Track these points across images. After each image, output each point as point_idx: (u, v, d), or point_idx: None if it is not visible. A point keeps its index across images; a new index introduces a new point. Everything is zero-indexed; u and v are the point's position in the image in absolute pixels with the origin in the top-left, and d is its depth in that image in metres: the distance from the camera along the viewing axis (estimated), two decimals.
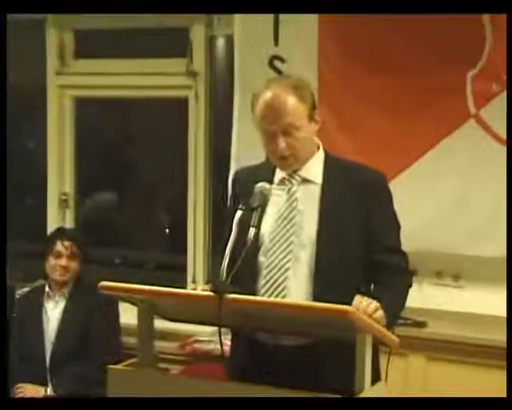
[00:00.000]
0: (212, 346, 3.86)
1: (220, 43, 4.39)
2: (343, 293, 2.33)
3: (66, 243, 3.98)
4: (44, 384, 3.89)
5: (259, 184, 2.50)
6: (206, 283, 2.71)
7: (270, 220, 2.54)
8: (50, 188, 4.65)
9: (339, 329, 2.27)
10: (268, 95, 2.48)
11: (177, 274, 4.47)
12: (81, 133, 4.70)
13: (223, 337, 2.31)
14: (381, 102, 3.80)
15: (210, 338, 3.87)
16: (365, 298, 2.32)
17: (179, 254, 4.48)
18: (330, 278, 2.47)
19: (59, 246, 3.98)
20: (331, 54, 3.87)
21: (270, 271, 2.51)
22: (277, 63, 3.94)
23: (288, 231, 2.52)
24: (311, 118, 2.50)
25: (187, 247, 4.39)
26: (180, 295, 2.41)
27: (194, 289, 4.24)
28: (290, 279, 2.49)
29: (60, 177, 4.63)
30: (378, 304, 2.32)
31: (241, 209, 2.43)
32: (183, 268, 4.42)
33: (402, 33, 3.73)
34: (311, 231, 2.50)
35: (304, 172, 2.55)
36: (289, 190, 2.56)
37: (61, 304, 4.00)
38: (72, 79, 4.58)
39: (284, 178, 2.57)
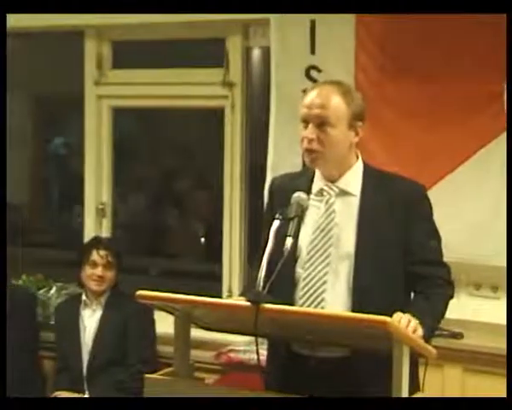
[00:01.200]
0: (247, 355, 3.86)
1: (256, 53, 4.41)
2: (381, 306, 2.32)
3: (102, 253, 4.00)
4: (81, 392, 3.92)
5: (296, 194, 2.49)
6: (241, 294, 2.70)
7: (308, 232, 2.54)
8: (88, 197, 4.69)
9: (376, 340, 2.26)
10: (318, 87, 2.57)
11: (211, 283, 4.47)
12: (118, 143, 4.73)
13: (259, 347, 2.31)
14: (419, 112, 3.78)
15: (245, 348, 3.87)
16: (405, 315, 2.30)
17: (215, 263, 4.49)
18: (369, 290, 2.46)
19: (94, 255, 4.00)
20: (368, 64, 3.86)
21: (308, 283, 2.51)
22: (314, 73, 3.94)
23: (325, 243, 2.52)
24: (351, 125, 2.51)
25: (222, 256, 4.40)
26: (217, 304, 2.41)
27: (230, 297, 4.25)
28: (328, 292, 2.49)
29: (97, 186, 4.67)
30: (417, 322, 2.30)
31: (277, 219, 2.43)
32: (218, 277, 4.43)
33: (439, 42, 3.71)
34: (350, 243, 2.50)
35: (342, 184, 2.55)
36: (327, 201, 2.56)
37: (98, 313, 4.03)
38: (109, 89, 4.61)
39: (322, 189, 2.57)
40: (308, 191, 2.56)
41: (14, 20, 4.41)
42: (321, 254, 2.51)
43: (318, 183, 2.58)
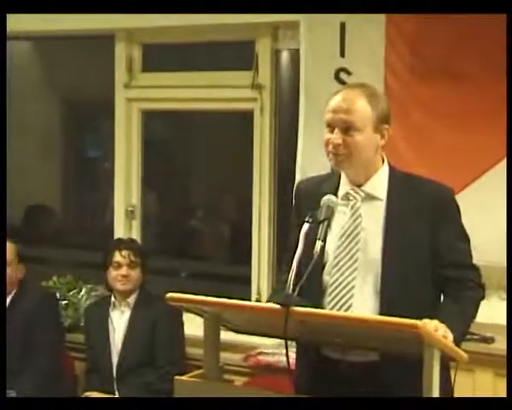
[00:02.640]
0: (276, 358, 3.85)
1: (285, 56, 4.40)
2: (410, 310, 2.30)
3: (124, 253, 4.02)
4: (111, 393, 3.94)
5: (326, 197, 2.49)
6: (269, 298, 2.69)
7: (334, 237, 2.53)
8: (117, 200, 4.72)
9: (406, 344, 2.25)
10: (343, 91, 2.55)
11: (241, 286, 4.48)
12: (148, 145, 4.76)
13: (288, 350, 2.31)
14: (450, 114, 3.75)
15: (274, 350, 3.87)
16: (433, 321, 2.28)
17: (244, 265, 4.49)
18: (396, 295, 2.45)
19: (117, 256, 4.03)
20: (398, 65, 3.84)
21: (336, 288, 2.50)
22: (343, 75, 3.93)
23: (352, 248, 2.51)
24: (376, 129, 2.49)
25: (251, 259, 4.40)
26: (247, 307, 2.41)
27: (258, 300, 4.25)
28: (356, 297, 2.48)
29: (127, 189, 4.69)
30: (445, 328, 2.28)
31: (307, 222, 2.43)
32: (247, 280, 4.43)
33: (470, 44, 3.68)
34: (376, 248, 2.49)
35: (368, 188, 2.54)
36: (353, 206, 2.55)
37: (127, 314, 4.05)
38: (139, 91, 4.64)
39: (348, 194, 2.56)
40: (334, 196, 2.55)
41: (47, 24, 4.46)
42: (348, 260, 2.50)
43: (344, 187, 2.57)
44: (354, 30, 3.89)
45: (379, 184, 2.54)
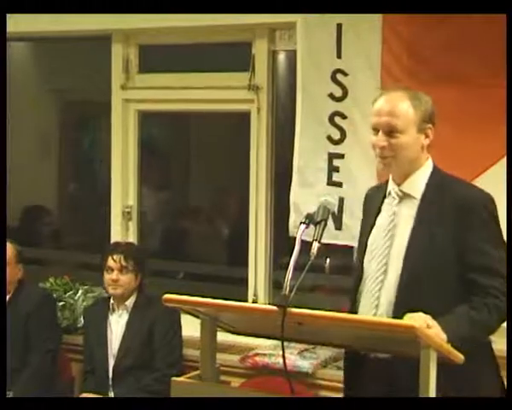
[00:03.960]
0: (273, 359, 3.85)
1: (282, 57, 4.41)
2: (427, 308, 2.34)
3: (116, 257, 4.02)
4: (107, 395, 3.93)
5: (323, 199, 2.51)
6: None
7: (375, 232, 2.64)
8: (114, 200, 4.71)
9: (404, 345, 2.25)
10: (386, 93, 2.63)
11: (237, 287, 4.48)
12: (145, 146, 4.76)
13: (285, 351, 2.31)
14: (447, 116, 3.74)
15: (271, 352, 3.87)
16: (423, 316, 2.32)
17: (240, 267, 4.49)
18: (412, 290, 2.49)
19: (110, 261, 4.04)
20: (394, 67, 3.84)
21: (368, 279, 2.60)
22: (340, 77, 3.93)
23: (384, 243, 2.59)
24: (420, 129, 2.57)
25: (248, 260, 4.40)
26: (244, 308, 2.42)
27: (255, 301, 4.25)
28: (382, 289, 2.56)
29: (123, 189, 4.69)
30: (436, 326, 2.31)
31: (303, 223, 2.44)
32: (244, 281, 4.43)
33: (468, 46, 3.68)
34: (403, 244, 2.55)
35: (405, 187, 2.61)
36: (391, 203, 2.63)
37: (124, 317, 4.05)
38: (136, 93, 4.63)
39: (390, 192, 2.64)
40: (384, 195, 2.66)
41: (44, 25, 4.46)
42: (379, 254, 2.59)
43: (390, 186, 2.66)
44: (351, 31, 3.89)
45: (417, 183, 2.60)
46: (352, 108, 3.94)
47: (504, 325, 3.35)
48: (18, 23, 4.35)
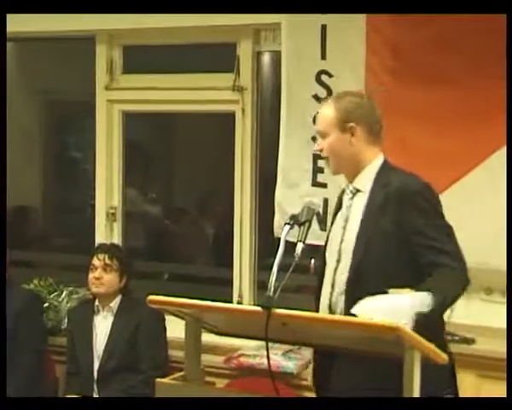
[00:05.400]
0: (257, 360, 3.85)
1: (267, 58, 4.41)
2: (374, 289, 2.40)
3: (100, 256, 4.03)
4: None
5: (308, 200, 2.53)
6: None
7: (334, 227, 2.77)
8: (98, 201, 4.70)
9: (388, 345, 2.25)
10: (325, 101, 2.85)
11: (221, 288, 4.48)
12: (129, 147, 4.74)
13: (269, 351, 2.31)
14: (430, 117, 3.77)
15: (256, 352, 3.87)
16: (364, 312, 2.36)
17: (225, 268, 4.49)
18: (361, 275, 2.58)
19: (94, 260, 4.04)
20: (378, 68, 3.86)
21: (327, 270, 2.71)
22: (324, 78, 3.94)
23: (338, 237, 2.69)
24: (343, 129, 2.67)
25: (233, 261, 4.40)
26: (229, 309, 2.42)
27: (240, 302, 4.25)
28: (335, 281, 2.66)
29: (108, 190, 4.68)
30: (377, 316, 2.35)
31: (288, 224, 2.45)
32: (229, 282, 4.43)
33: (452, 47, 3.70)
34: (353, 235, 2.64)
35: (356, 182, 2.71)
36: (346, 199, 2.74)
37: (110, 319, 4.04)
38: (120, 93, 4.62)
39: (345, 189, 2.75)
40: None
41: (27, 25, 4.44)
42: (333, 249, 2.68)
43: (345, 183, 2.78)
44: (335, 33, 3.90)
45: (366, 178, 2.69)
46: None
47: (504, 325, 3.39)
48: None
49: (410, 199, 2.59)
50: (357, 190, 2.70)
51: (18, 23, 4.43)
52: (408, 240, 2.56)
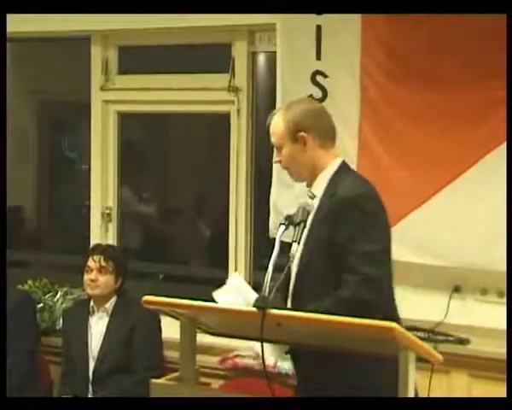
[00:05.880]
0: (252, 361, 3.85)
1: (262, 59, 4.41)
2: (311, 294, 2.51)
3: (96, 257, 4.02)
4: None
5: (303, 200, 2.52)
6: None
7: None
8: (93, 202, 4.69)
9: (383, 345, 2.26)
10: (275, 112, 2.81)
11: (216, 289, 4.46)
12: (124, 147, 4.74)
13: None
14: (426, 117, 3.77)
15: (251, 353, 3.87)
16: None
17: (220, 268, 4.48)
18: (302, 280, 2.63)
19: (90, 261, 4.03)
20: (373, 68, 3.86)
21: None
22: (320, 78, 3.94)
23: (297, 240, 2.66)
24: (293, 139, 2.71)
25: (228, 261, 4.40)
26: (224, 310, 2.42)
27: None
28: (291, 278, 2.69)
29: (103, 191, 4.67)
30: None
31: (283, 224, 2.45)
32: (223, 282, 4.41)
33: (446, 48, 3.70)
34: (301, 245, 2.65)
35: (312, 188, 2.75)
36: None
37: (105, 320, 4.03)
38: (116, 94, 4.62)
39: (307, 193, 2.77)
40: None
41: (22, 26, 4.44)
42: (293, 248, 2.64)
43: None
44: (330, 33, 3.90)
45: (320, 184, 2.72)
46: (331, 109, 3.91)
47: (499, 326, 3.39)
48: None
49: (345, 211, 2.59)
50: (313, 196, 2.74)
51: (13, 23, 4.42)
52: (339, 250, 2.57)
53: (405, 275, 3.85)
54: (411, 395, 2.23)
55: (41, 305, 4.43)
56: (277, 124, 2.75)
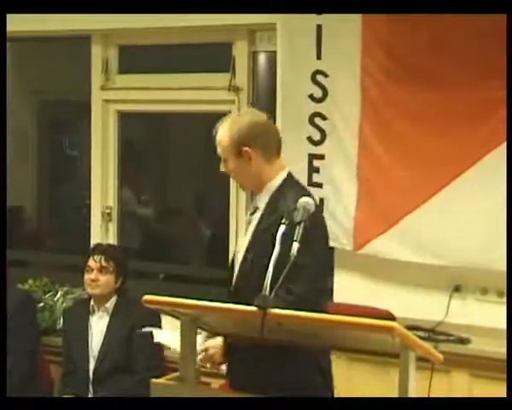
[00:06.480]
0: None
1: (262, 58, 4.41)
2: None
3: (96, 257, 4.02)
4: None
5: (303, 200, 2.52)
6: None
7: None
8: (94, 201, 4.70)
9: (383, 344, 2.26)
10: (223, 122, 2.80)
11: (216, 288, 4.46)
12: (125, 147, 4.74)
13: None
14: (426, 117, 3.77)
15: None
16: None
17: (220, 268, 4.48)
18: (241, 287, 2.71)
19: (90, 261, 4.03)
20: (374, 68, 3.86)
21: None
22: (320, 78, 3.94)
23: (240, 249, 2.78)
24: (237, 154, 2.72)
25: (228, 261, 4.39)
26: (224, 309, 2.41)
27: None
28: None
29: (103, 190, 4.67)
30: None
31: (283, 224, 2.44)
32: (225, 282, 4.41)
33: (447, 48, 3.70)
34: (242, 254, 2.73)
35: (256, 200, 2.80)
36: (250, 214, 2.82)
37: (105, 319, 4.03)
38: (116, 93, 4.62)
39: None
40: None
41: (22, 25, 4.44)
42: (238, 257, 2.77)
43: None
44: (330, 33, 3.90)
45: (264, 196, 2.75)
46: (332, 109, 3.95)
47: (499, 325, 3.39)
48: None
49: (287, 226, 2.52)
50: (257, 208, 2.76)
51: (13, 23, 4.43)
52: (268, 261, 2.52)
53: (405, 275, 3.86)
54: (411, 395, 2.23)
55: (41, 304, 4.43)
56: (222, 137, 2.76)
